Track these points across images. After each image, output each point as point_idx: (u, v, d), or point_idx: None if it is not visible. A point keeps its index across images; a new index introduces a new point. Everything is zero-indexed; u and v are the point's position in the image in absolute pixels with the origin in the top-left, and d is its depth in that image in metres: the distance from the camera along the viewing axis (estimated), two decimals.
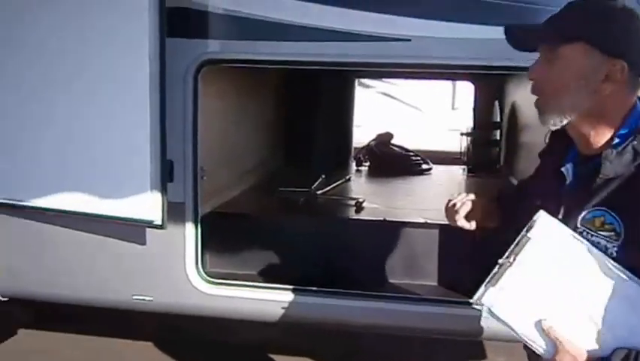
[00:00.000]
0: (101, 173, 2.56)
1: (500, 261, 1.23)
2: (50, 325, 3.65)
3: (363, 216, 3.29)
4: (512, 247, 1.23)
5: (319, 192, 3.70)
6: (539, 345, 1.21)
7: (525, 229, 1.23)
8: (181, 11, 2.51)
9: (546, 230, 1.22)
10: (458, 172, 5.11)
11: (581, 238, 1.22)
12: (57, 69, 2.56)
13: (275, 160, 4.56)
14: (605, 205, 1.22)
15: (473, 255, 2.58)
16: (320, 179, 3.87)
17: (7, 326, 3.47)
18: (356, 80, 5.63)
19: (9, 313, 3.29)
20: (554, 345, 1.19)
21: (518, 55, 1.38)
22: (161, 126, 2.44)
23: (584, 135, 1.28)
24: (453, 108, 14.36)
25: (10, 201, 2.72)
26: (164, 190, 2.50)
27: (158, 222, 2.52)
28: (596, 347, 1.18)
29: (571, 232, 1.23)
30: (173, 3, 2.46)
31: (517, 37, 1.35)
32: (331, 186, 3.85)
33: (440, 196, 3.99)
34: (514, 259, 1.22)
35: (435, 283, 2.91)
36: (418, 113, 14.34)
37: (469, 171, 5.04)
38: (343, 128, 5.16)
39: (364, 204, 3.40)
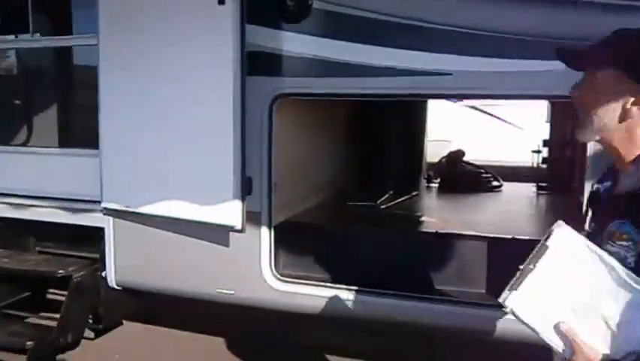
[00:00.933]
0: (194, 186, 3.10)
1: (521, 267, 1.30)
2: (150, 319, 4.21)
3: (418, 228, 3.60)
4: (533, 254, 1.30)
5: (383, 206, 4.05)
6: (559, 346, 1.28)
7: (544, 238, 1.30)
8: (259, 54, 3.02)
9: (562, 239, 1.29)
10: (530, 190, 5.12)
11: (596, 248, 1.29)
12: (164, 106, 3.15)
13: (346, 177, 4.84)
14: (625, 217, 1.32)
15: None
16: (387, 195, 4.21)
17: (114, 316, 3.91)
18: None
19: (118, 304, 3.75)
20: (572, 346, 1.26)
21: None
22: (242, 148, 2.97)
23: (616, 151, 1.42)
24: (547, 121, 13.82)
25: (125, 208, 3.36)
26: (244, 201, 3.01)
27: (239, 227, 3.03)
28: (610, 349, 1.25)
29: (585, 241, 1.30)
30: (253, 48, 2.98)
31: (567, 59, 1.48)
32: (396, 202, 4.17)
33: (500, 213, 4.20)
34: (535, 266, 1.28)
35: (483, 291, 3.15)
36: (507, 125, 14.00)
37: (540, 188, 5.06)
38: (414, 146, 5.30)
39: (423, 218, 3.72)
